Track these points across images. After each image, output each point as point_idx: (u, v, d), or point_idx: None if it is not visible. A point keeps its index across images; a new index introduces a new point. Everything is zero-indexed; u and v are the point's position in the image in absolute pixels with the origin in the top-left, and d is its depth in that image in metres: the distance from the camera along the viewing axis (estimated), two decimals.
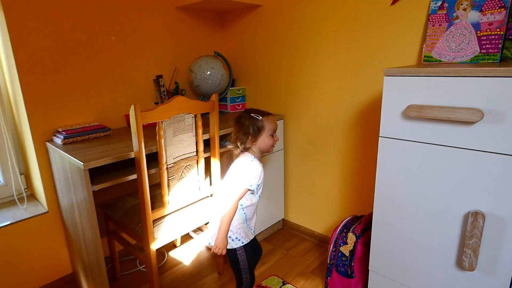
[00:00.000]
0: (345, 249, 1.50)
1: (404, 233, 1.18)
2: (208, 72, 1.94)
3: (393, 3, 1.47)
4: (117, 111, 1.82)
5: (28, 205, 1.71)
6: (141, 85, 1.91)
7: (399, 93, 1.09)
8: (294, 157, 2.09)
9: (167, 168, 1.40)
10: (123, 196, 1.70)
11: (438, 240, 1.10)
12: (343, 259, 1.52)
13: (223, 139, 1.83)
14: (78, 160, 1.25)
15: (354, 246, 1.48)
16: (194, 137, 1.49)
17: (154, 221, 1.45)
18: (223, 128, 1.74)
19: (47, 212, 1.65)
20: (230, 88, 2.15)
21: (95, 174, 1.40)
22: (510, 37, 1.13)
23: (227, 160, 1.86)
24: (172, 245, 2.12)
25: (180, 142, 1.42)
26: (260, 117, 1.31)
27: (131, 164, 1.49)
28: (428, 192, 1.09)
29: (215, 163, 1.63)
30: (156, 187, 1.70)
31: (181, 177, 1.47)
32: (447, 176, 1.04)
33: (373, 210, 1.26)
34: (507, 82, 0.88)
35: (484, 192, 0.98)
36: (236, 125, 1.34)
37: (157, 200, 1.53)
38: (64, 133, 1.52)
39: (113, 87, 1.79)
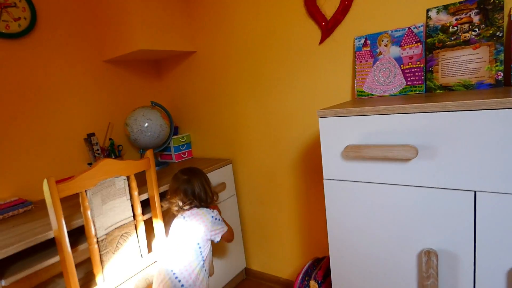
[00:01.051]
0: None
1: (363, 278, 1.11)
2: (146, 124, 1.82)
3: (320, 42, 1.50)
4: (40, 181, 1.61)
5: None
6: (70, 147, 1.73)
7: (335, 133, 1.05)
8: (246, 201, 1.99)
9: (97, 241, 1.22)
10: (54, 277, 1.46)
11: (398, 283, 1.03)
12: None
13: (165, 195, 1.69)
14: None
15: None
16: (129, 201, 1.33)
17: None
18: (167, 183, 1.60)
19: None
20: (173, 137, 2.04)
21: (9, 262, 1.18)
22: (430, 68, 1.16)
23: (172, 218, 1.70)
24: None
25: (111, 209, 1.26)
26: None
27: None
28: (379, 232, 1.03)
29: (158, 224, 1.48)
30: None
31: (117, 248, 1.29)
32: (393, 214, 0.99)
33: (329, 255, 1.17)
34: (434, 116, 0.88)
35: (432, 228, 0.94)
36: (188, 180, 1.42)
37: (94, 278, 1.33)
38: None
39: (34, 154, 1.60)
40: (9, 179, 1.51)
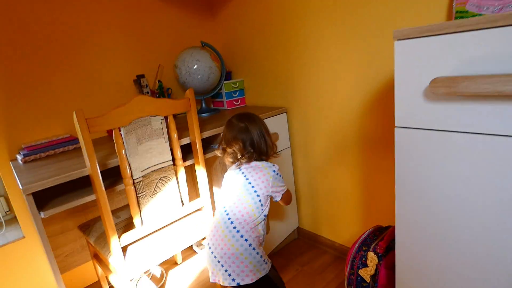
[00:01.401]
0: (365, 273, 1.17)
1: (438, 257, 0.84)
2: (195, 66, 1.68)
3: None
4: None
5: (8, 229, 1.55)
6: (120, 88, 1.68)
7: (418, 62, 0.75)
8: (302, 156, 1.77)
9: (134, 183, 1.15)
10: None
11: (490, 271, 0.75)
12: (364, 285, 1.19)
13: (213, 141, 1.57)
14: (19, 183, 1.04)
15: (377, 270, 1.14)
16: (167, 143, 1.23)
17: (126, 246, 1.22)
18: (213, 128, 1.47)
19: (23, 237, 1.48)
20: (225, 82, 1.87)
21: (56, 193, 1.18)
22: None
23: (220, 166, 1.59)
24: (173, 263, 1.90)
25: (147, 151, 1.17)
26: None
27: (105, 178, 1.27)
28: (472, 204, 0.74)
29: (201, 172, 1.37)
30: None
31: (155, 192, 1.22)
32: (500, 180, 0.69)
33: (395, 225, 0.92)
34: None
35: None
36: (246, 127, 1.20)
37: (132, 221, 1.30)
38: (25, 150, 1.33)
39: (86, 94, 1.58)
40: (63, 118, 1.53)
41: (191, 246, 2.03)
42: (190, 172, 2.00)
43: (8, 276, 1.46)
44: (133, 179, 1.15)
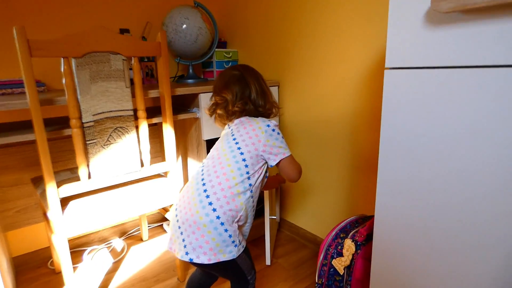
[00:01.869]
0: (339, 264, 0.99)
1: (422, 243, 0.66)
2: (184, 26, 1.53)
3: None
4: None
5: None
6: None
7: None
8: (290, 135, 1.60)
9: (83, 127, 1.00)
10: (59, 169, 1.35)
11: (481, 259, 0.57)
12: (337, 278, 1.01)
13: (190, 104, 1.41)
14: None
15: (352, 260, 0.96)
16: (129, 90, 1.07)
17: (68, 201, 1.07)
18: (190, 87, 1.31)
19: None
20: (217, 50, 1.72)
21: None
22: None
23: (195, 134, 1.43)
24: (138, 239, 1.74)
25: (103, 93, 1.02)
26: None
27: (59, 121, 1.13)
28: (476, 163, 0.56)
29: (168, 131, 1.21)
30: None
31: (108, 142, 1.06)
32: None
33: (376, 203, 0.74)
34: None
35: None
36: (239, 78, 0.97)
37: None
38: None
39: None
40: (37, 63, 1.40)
41: (162, 225, 1.87)
42: (159, 136, 1.82)
43: None
44: (82, 123, 1.00)
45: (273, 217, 1.50)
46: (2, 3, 1.31)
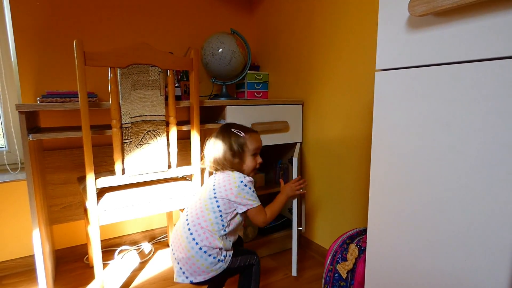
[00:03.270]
0: (343, 268, 1.00)
1: (413, 246, 0.68)
2: (220, 49, 1.72)
3: None
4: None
5: (21, 172, 1.66)
6: None
7: None
8: (312, 152, 1.65)
9: (122, 127, 1.16)
10: (101, 171, 1.52)
11: (481, 266, 0.58)
12: (341, 284, 1.01)
13: (218, 116, 1.55)
14: (17, 104, 1.11)
15: (355, 264, 0.96)
16: (163, 98, 1.23)
17: (103, 193, 1.22)
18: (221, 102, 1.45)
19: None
20: (249, 72, 1.88)
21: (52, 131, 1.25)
22: None
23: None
24: (166, 244, 1.84)
25: (141, 99, 1.19)
26: (242, 134, 1.13)
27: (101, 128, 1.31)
28: (460, 158, 0.59)
29: (195, 138, 1.34)
30: None
31: (141, 143, 1.21)
32: (500, 119, 0.54)
33: (369, 204, 0.78)
34: None
35: None
36: (213, 142, 1.15)
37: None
38: (47, 94, 1.44)
39: None
40: (89, 76, 1.65)
41: None
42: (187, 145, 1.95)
43: (6, 208, 1.54)
44: (122, 124, 1.16)
45: (300, 228, 1.53)
46: (69, 20, 1.59)
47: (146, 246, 1.81)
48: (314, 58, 1.60)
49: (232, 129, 1.13)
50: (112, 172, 1.39)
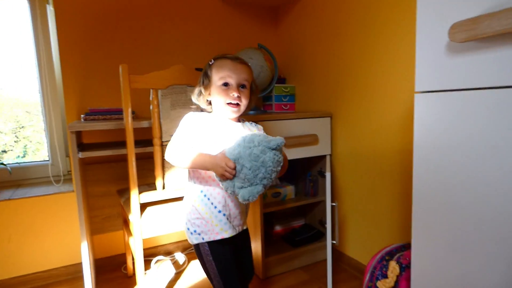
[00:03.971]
0: (383, 286, 1.00)
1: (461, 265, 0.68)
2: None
3: None
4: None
5: (64, 184, 1.77)
6: None
7: (439, 10, 0.68)
8: (342, 164, 1.66)
9: (162, 145, 1.23)
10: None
11: None
12: None
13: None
14: (69, 125, 1.20)
15: (396, 282, 0.97)
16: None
17: (145, 207, 1.28)
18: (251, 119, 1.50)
19: (73, 191, 1.66)
20: (276, 85, 1.92)
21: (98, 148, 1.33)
22: None
23: None
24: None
25: (179, 117, 1.24)
26: (212, 61, 1.01)
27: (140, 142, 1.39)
28: (504, 181, 0.60)
29: None
30: None
31: None
32: None
33: (412, 223, 0.79)
34: None
35: None
36: None
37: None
38: (89, 111, 1.53)
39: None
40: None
41: None
42: None
43: (53, 219, 1.64)
44: (162, 141, 1.23)
45: (334, 241, 1.53)
46: (114, 46, 1.69)
47: (180, 257, 1.87)
48: (342, 71, 1.62)
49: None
50: (150, 185, 1.46)
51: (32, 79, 1.78)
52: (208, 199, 0.95)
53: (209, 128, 0.96)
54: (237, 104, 0.96)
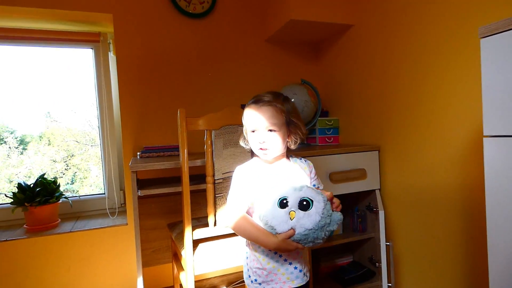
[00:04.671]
0: None
1: None
2: (292, 99, 1.81)
3: None
4: (200, 136, 1.87)
5: (118, 217, 1.86)
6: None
7: (508, 58, 0.67)
8: (392, 199, 1.60)
9: (214, 183, 1.27)
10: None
11: None
12: None
13: None
14: (131, 164, 1.29)
15: None
16: (250, 154, 1.32)
17: (198, 243, 1.31)
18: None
19: (126, 225, 1.75)
20: (319, 118, 1.93)
21: (153, 184, 1.41)
22: None
23: None
24: None
25: (231, 156, 1.29)
26: (244, 107, 1.02)
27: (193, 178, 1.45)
28: None
29: None
30: None
31: None
32: None
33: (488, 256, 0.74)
34: None
35: None
36: None
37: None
38: (144, 149, 1.64)
39: (199, 114, 1.88)
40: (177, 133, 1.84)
41: None
42: None
43: (108, 251, 1.72)
44: (214, 179, 1.27)
45: (390, 284, 1.46)
46: (167, 88, 1.81)
47: None
48: (389, 104, 1.60)
49: None
50: (198, 219, 1.50)
51: (90, 116, 1.96)
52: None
53: (258, 175, 0.99)
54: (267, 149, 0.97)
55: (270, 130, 0.95)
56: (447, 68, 1.30)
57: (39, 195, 1.62)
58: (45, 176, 1.72)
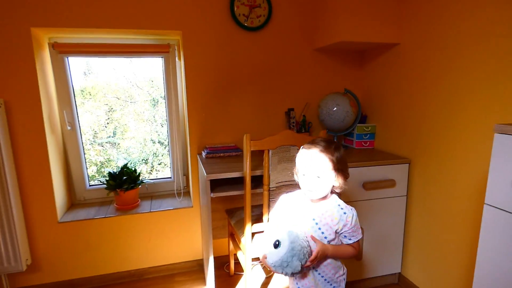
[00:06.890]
0: None
1: None
2: (334, 109, 2.04)
3: None
4: (253, 136, 2.18)
5: (183, 199, 2.29)
6: (275, 115, 2.22)
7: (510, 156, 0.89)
8: (419, 207, 1.86)
9: (269, 190, 1.60)
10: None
11: None
12: None
13: None
14: (206, 172, 1.64)
15: None
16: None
17: (254, 234, 1.68)
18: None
19: (192, 207, 2.16)
20: (358, 125, 2.15)
21: (219, 184, 1.77)
22: None
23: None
24: None
25: (283, 170, 1.60)
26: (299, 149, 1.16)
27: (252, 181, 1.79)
28: None
29: None
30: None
31: None
32: None
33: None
34: None
35: None
36: None
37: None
38: (208, 149, 1.98)
39: (251, 116, 2.17)
40: (233, 133, 2.16)
41: None
42: None
43: (178, 227, 2.17)
44: (269, 187, 1.60)
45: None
46: (227, 93, 2.10)
47: None
48: (424, 119, 1.79)
49: None
50: (253, 216, 1.87)
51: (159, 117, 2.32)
52: None
53: (294, 207, 1.21)
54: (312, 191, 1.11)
55: (319, 177, 1.10)
56: (479, 94, 1.47)
57: (126, 182, 2.05)
58: (128, 166, 2.15)
